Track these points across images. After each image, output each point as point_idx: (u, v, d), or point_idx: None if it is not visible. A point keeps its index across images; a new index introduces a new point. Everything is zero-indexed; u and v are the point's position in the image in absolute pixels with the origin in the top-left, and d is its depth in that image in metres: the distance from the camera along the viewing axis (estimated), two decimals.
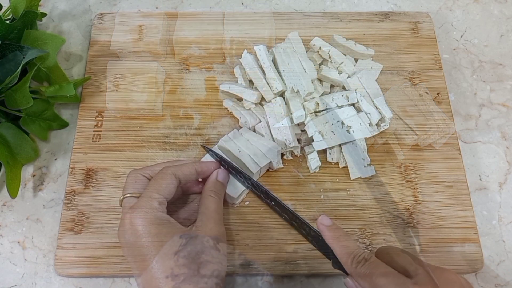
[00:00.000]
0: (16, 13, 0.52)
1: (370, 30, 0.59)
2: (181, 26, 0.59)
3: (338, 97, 0.51)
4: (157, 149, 0.52)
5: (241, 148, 0.49)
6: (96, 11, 0.62)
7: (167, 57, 0.57)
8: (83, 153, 0.52)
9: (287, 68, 0.52)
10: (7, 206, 0.51)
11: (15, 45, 0.49)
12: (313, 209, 0.49)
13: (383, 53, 0.58)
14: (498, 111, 0.57)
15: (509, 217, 0.51)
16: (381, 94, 0.51)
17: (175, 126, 0.54)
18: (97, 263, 0.47)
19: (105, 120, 0.54)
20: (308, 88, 0.50)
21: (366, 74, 0.52)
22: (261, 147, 0.49)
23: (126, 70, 0.57)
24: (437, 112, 0.54)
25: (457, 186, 0.51)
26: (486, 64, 0.60)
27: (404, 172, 0.51)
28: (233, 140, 0.50)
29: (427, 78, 0.56)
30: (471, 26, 0.63)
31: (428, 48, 0.58)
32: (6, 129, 0.50)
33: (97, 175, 0.51)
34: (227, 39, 0.59)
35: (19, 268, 0.48)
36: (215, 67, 0.57)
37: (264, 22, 0.60)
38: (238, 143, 0.49)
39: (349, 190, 0.50)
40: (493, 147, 0.55)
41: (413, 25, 0.60)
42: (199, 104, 0.55)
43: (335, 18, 0.60)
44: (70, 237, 0.48)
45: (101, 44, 0.58)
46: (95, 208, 0.49)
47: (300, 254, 0.47)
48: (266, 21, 0.60)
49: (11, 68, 0.49)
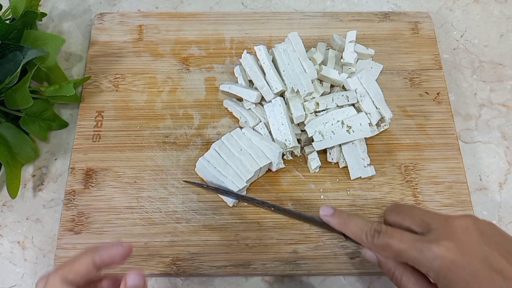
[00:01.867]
0: (16, 13, 0.52)
1: (370, 30, 0.59)
2: (181, 26, 0.59)
3: (338, 97, 0.51)
4: (157, 149, 0.52)
5: (243, 147, 0.49)
6: (96, 11, 0.62)
7: (167, 57, 0.57)
8: (83, 153, 0.52)
9: (287, 68, 0.52)
10: (7, 206, 0.51)
11: (15, 45, 0.49)
12: (313, 209, 0.49)
13: (383, 53, 0.58)
14: (498, 111, 0.57)
15: (509, 217, 0.51)
16: (381, 94, 0.51)
17: (175, 126, 0.54)
18: None
19: (105, 120, 0.54)
20: (308, 88, 0.50)
21: (366, 74, 0.51)
22: (263, 147, 0.49)
23: (126, 70, 0.57)
24: (437, 112, 0.54)
25: (457, 186, 0.51)
26: (486, 64, 0.60)
27: (404, 172, 0.51)
28: (235, 138, 0.50)
29: (427, 78, 0.56)
30: (471, 26, 0.63)
31: (428, 48, 0.58)
32: (6, 129, 0.50)
33: (97, 175, 0.51)
34: (227, 39, 0.59)
35: (19, 268, 0.48)
36: (215, 67, 0.57)
37: (264, 22, 0.60)
38: (240, 142, 0.49)
39: (349, 190, 0.50)
40: (493, 147, 0.55)
41: (413, 25, 0.60)
42: (199, 104, 0.55)
43: (335, 18, 0.60)
44: (70, 237, 0.48)
45: (101, 44, 0.58)
46: (95, 208, 0.49)
47: (300, 254, 0.47)
48: (266, 21, 0.60)
49: (11, 68, 0.49)
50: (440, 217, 0.39)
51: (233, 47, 0.58)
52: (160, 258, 0.47)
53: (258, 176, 0.50)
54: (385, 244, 0.38)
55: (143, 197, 0.50)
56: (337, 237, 0.48)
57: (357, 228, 0.41)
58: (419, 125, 0.54)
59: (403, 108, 0.55)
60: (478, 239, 0.36)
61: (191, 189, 0.50)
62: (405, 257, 0.37)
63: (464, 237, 0.36)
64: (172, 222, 0.48)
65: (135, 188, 0.50)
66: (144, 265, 0.46)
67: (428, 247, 0.36)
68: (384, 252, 0.39)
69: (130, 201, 0.49)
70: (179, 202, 0.49)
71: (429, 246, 0.36)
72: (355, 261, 0.47)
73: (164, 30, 0.59)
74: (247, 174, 0.48)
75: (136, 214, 0.49)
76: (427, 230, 0.38)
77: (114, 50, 0.58)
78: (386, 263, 0.40)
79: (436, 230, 0.37)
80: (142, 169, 0.51)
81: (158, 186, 0.50)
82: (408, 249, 0.37)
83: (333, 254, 0.47)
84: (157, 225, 0.48)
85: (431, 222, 0.38)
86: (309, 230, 0.48)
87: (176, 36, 0.59)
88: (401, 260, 0.38)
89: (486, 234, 0.37)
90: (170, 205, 0.49)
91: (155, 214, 0.49)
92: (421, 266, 0.37)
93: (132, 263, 0.46)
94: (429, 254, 0.36)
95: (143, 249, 0.47)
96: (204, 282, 0.47)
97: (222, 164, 0.49)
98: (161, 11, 0.62)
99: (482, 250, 0.35)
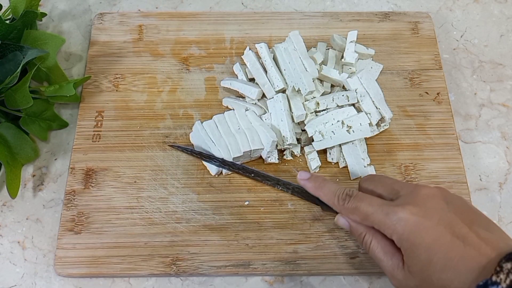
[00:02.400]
0: (16, 13, 0.52)
1: (370, 30, 0.59)
2: (181, 26, 0.59)
3: (339, 97, 0.51)
4: (157, 149, 0.52)
5: (241, 127, 0.50)
6: (96, 11, 0.62)
7: (167, 57, 0.57)
8: (83, 153, 0.52)
9: (288, 66, 0.52)
10: (7, 206, 0.51)
11: (15, 45, 0.49)
12: (313, 210, 0.49)
13: (383, 53, 0.58)
14: (498, 111, 0.57)
15: (509, 217, 0.51)
16: (381, 94, 0.51)
17: (175, 126, 0.53)
18: (97, 263, 0.46)
19: (105, 120, 0.54)
20: (309, 87, 0.50)
21: (366, 74, 0.52)
22: (260, 132, 0.50)
23: (126, 70, 0.57)
24: (437, 112, 0.54)
25: (457, 186, 0.51)
26: (486, 64, 0.60)
27: (404, 172, 0.51)
28: (237, 116, 0.51)
29: (427, 78, 0.56)
30: (471, 26, 0.63)
31: (428, 48, 0.58)
32: (6, 129, 0.50)
33: (97, 175, 0.51)
34: (227, 39, 0.59)
35: (19, 268, 0.48)
36: (215, 67, 0.57)
37: (264, 22, 0.60)
38: (240, 122, 0.50)
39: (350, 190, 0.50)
40: (493, 147, 0.55)
41: (413, 25, 0.60)
42: (199, 104, 0.55)
43: (335, 18, 0.60)
44: (70, 237, 0.48)
45: (101, 44, 0.58)
46: (95, 208, 0.49)
47: (300, 254, 0.47)
48: (266, 21, 0.60)
49: (11, 68, 0.49)
50: (409, 185, 0.40)
51: (233, 47, 0.58)
52: (160, 258, 0.47)
53: (249, 159, 0.51)
54: (355, 207, 0.40)
55: (143, 197, 0.50)
56: (337, 237, 0.48)
57: (330, 192, 0.43)
58: (419, 125, 0.54)
59: (403, 108, 0.55)
60: (443, 206, 0.37)
61: (191, 189, 0.50)
62: (371, 219, 0.39)
63: (429, 203, 0.37)
64: (172, 222, 0.48)
65: (135, 188, 0.50)
66: (144, 265, 0.46)
67: (394, 210, 0.37)
68: (353, 216, 0.41)
69: (130, 201, 0.49)
70: (179, 202, 0.49)
71: (394, 209, 0.37)
72: (355, 261, 0.47)
73: (164, 30, 0.59)
74: (236, 152, 0.49)
75: (136, 214, 0.49)
76: (396, 196, 0.40)
77: (114, 50, 0.58)
78: (357, 228, 0.41)
79: (403, 196, 0.39)
80: (142, 169, 0.51)
81: (158, 186, 0.50)
82: (375, 212, 0.39)
83: (333, 254, 0.47)
84: (157, 225, 0.48)
85: (400, 190, 0.40)
86: (309, 230, 0.48)
87: (176, 36, 0.59)
88: (368, 223, 0.40)
89: (452, 203, 0.38)
90: (170, 205, 0.49)
91: (155, 214, 0.49)
92: (386, 229, 0.38)
93: (132, 263, 0.47)
94: (393, 217, 0.37)
95: (143, 249, 0.47)
96: (204, 282, 0.47)
97: (216, 136, 0.50)
98: (161, 11, 0.62)
99: (446, 217, 0.37)
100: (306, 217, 0.49)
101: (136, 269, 0.46)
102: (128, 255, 0.47)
